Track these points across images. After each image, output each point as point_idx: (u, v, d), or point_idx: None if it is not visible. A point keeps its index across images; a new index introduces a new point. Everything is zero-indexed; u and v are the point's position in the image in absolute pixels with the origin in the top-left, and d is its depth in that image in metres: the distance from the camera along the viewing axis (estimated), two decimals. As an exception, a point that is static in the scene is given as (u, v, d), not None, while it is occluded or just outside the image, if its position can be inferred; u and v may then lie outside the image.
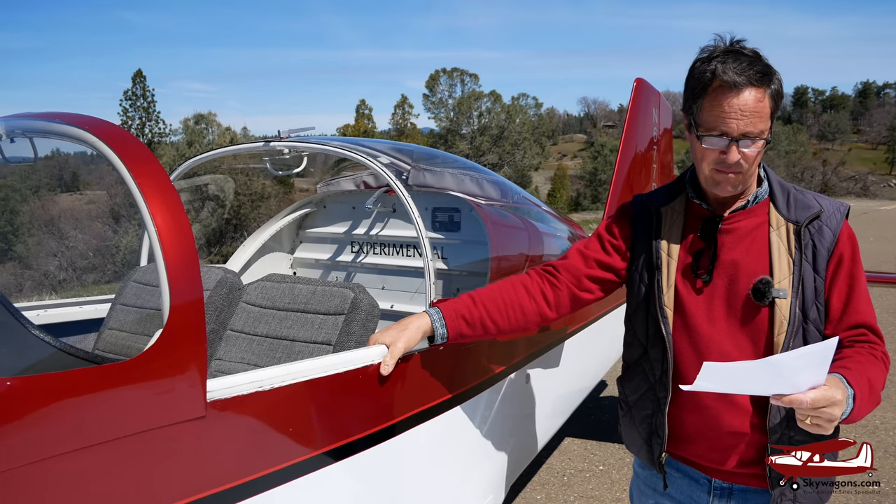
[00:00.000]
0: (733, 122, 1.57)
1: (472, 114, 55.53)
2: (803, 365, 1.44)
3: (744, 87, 1.56)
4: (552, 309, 1.97)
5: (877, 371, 1.62)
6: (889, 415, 5.31)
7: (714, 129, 1.61)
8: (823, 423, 1.44)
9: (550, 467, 4.55)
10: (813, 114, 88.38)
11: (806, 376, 1.44)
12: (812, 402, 1.41)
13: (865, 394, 1.54)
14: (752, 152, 1.61)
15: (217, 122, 49.90)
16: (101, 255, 18.91)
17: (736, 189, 1.69)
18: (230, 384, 1.52)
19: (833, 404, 1.43)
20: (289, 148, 2.86)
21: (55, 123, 1.65)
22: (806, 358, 1.45)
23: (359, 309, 2.35)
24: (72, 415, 1.26)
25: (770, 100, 1.60)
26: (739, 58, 1.58)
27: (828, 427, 1.46)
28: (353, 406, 1.86)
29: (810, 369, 1.44)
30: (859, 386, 1.52)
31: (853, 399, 1.49)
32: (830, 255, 1.69)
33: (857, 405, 1.50)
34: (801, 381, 1.44)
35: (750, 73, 1.56)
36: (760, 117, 1.58)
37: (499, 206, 3.19)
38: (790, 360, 1.46)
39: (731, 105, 1.57)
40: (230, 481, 1.52)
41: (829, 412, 1.43)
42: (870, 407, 1.57)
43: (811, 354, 1.45)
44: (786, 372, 1.44)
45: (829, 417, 1.43)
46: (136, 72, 51.97)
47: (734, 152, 1.59)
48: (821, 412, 1.43)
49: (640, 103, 5.23)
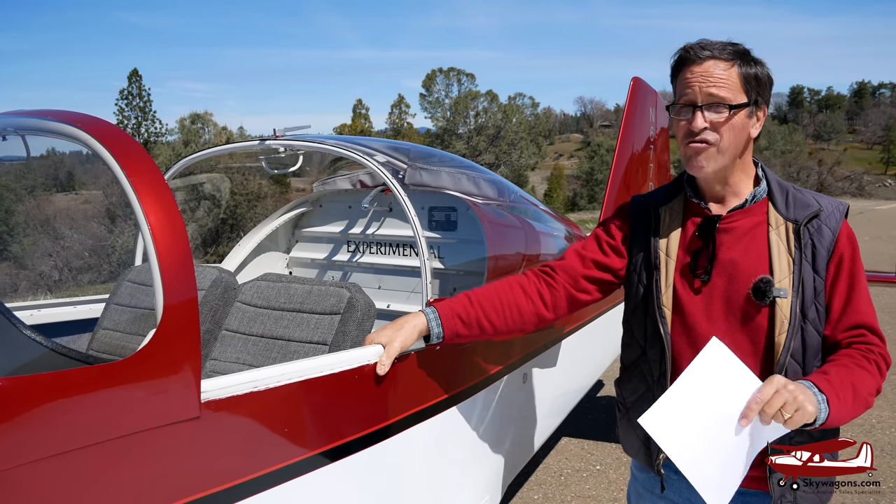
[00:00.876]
0: (696, 86, 1.64)
1: (468, 113, 55.47)
2: (710, 377, 1.57)
3: (707, 58, 1.63)
4: (549, 310, 1.96)
5: (864, 375, 1.62)
6: (886, 414, 5.32)
7: (680, 99, 1.67)
8: (792, 413, 1.47)
9: (548, 467, 4.54)
10: (808, 113, 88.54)
11: (731, 385, 1.56)
12: (760, 402, 1.48)
13: (847, 398, 1.55)
14: (717, 118, 1.63)
15: (213, 122, 49.77)
16: (96, 255, 18.87)
17: (709, 168, 1.68)
18: (225, 384, 1.51)
19: (783, 392, 1.47)
20: (284, 146, 2.85)
21: (47, 121, 1.63)
22: (702, 369, 1.58)
23: (355, 309, 2.34)
24: (63, 416, 1.24)
25: (739, 76, 1.63)
26: (715, 41, 1.65)
27: (797, 417, 1.47)
28: (349, 406, 1.84)
29: (725, 376, 1.56)
30: (838, 391, 1.54)
31: (826, 403, 1.51)
32: (830, 254, 1.68)
33: (833, 410, 1.52)
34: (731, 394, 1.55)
35: (717, 47, 1.63)
36: (725, 85, 1.62)
37: (496, 205, 3.18)
38: (694, 378, 1.58)
39: (694, 73, 1.65)
40: (225, 483, 1.51)
41: (783, 400, 1.47)
42: (855, 410, 1.59)
43: (704, 364, 1.58)
44: (707, 390, 1.57)
45: (794, 407, 1.46)
46: (131, 71, 51.94)
47: (699, 118, 1.63)
48: (773, 405, 1.47)
49: (637, 103, 5.23)
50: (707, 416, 1.57)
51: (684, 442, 1.58)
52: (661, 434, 1.59)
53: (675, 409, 1.60)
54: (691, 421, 1.58)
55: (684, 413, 1.59)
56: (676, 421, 1.59)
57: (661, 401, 1.62)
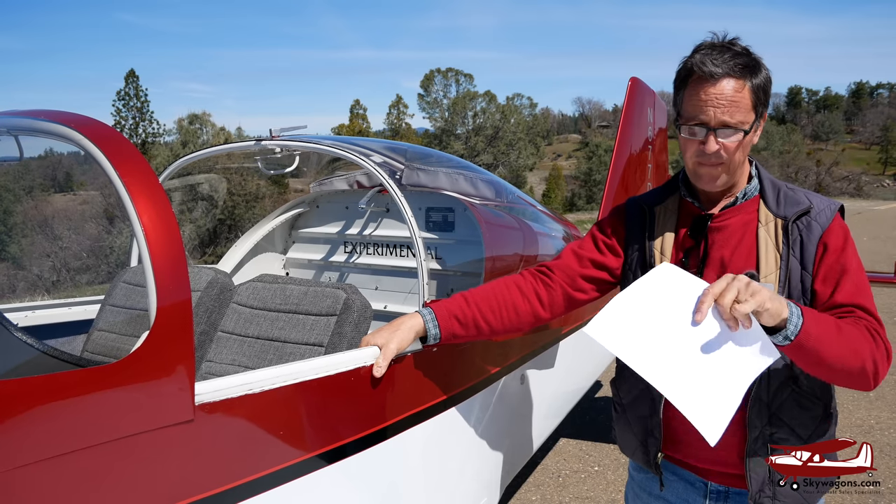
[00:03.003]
0: (710, 111, 1.59)
1: (466, 114, 55.46)
2: (661, 287, 1.53)
3: (721, 77, 1.57)
4: (546, 309, 1.95)
5: (851, 327, 1.54)
6: (885, 415, 5.31)
7: (692, 119, 1.62)
8: (747, 299, 1.40)
9: (545, 468, 4.53)
10: (806, 114, 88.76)
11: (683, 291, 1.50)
12: (712, 294, 1.42)
13: (828, 327, 1.48)
14: (731, 143, 1.60)
15: (211, 123, 49.70)
16: (94, 256, 18.83)
17: (719, 183, 1.68)
18: (219, 387, 1.49)
19: (735, 283, 1.41)
20: (280, 147, 2.83)
21: (40, 121, 1.61)
22: (652, 281, 1.56)
23: (351, 310, 2.33)
24: (54, 419, 1.23)
25: (751, 92, 1.59)
26: (722, 51, 1.59)
27: (755, 300, 1.40)
28: (346, 408, 1.83)
29: (676, 285, 1.52)
30: (815, 315, 1.48)
31: (801, 314, 1.45)
32: (817, 248, 1.65)
33: (809, 322, 1.45)
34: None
35: (729, 64, 1.57)
36: (739, 107, 1.58)
37: (493, 205, 3.17)
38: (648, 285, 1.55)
39: (708, 94, 1.59)
40: (219, 486, 1.49)
41: (735, 289, 1.40)
42: (841, 347, 1.49)
43: (654, 278, 1.57)
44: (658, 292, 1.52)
45: (748, 293, 1.40)
46: (128, 72, 51.82)
47: (712, 142, 1.60)
48: (726, 296, 1.41)
49: (635, 103, 5.23)
50: (662, 318, 1.49)
51: (643, 350, 1.48)
52: (612, 341, 1.51)
53: (624, 315, 1.52)
54: (645, 326, 1.50)
55: (636, 317, 1.51)
56: (628, 327, 1.51)
57: (607, 308, 1.55)
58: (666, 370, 1.47)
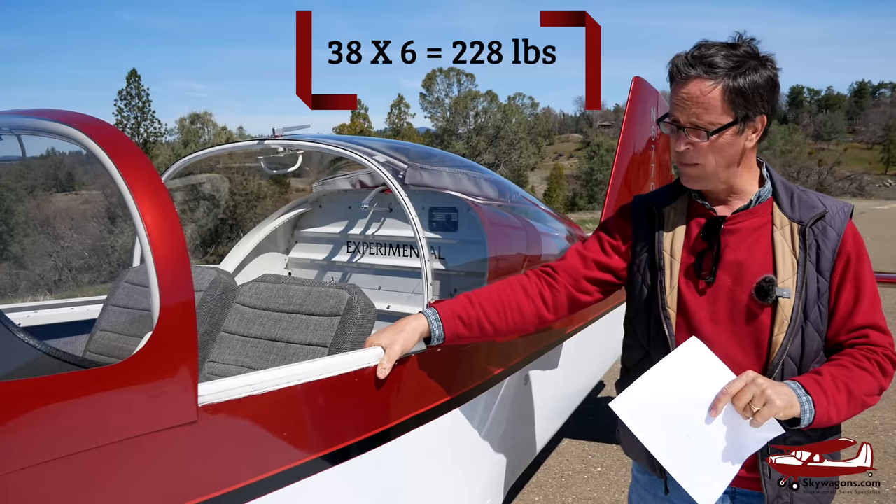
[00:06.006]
0: (677, 111, 1.62)
1: (468, 113, 55.45)
2: (685, 369, 1.58)
3: (691, 77, 1.58)
4: (550, 311, 1.93)
5: (862, 375, 1.60)
6: (888, 415, 5.29)
7: (668, 117, 1.66)
8: (760, 407, 1.47)
9: (548, 469, 4.52)
10: (808, 113, 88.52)
11: (704, 380, 1.56)
12: (728, 394, 1.51)
13: (839, 399, 1.56)
14: (698, 143, 1.61)
15: (213, 122, 49.76)
16: (96, 256, 18.84)
17: (700, 183, 1.71)
18: (222, 388, 1.49)
19: (752, 386, 1.49)
20: (283, 146, 2.83)
21: (43, 121, 1.61)
22: (678, 362, 1.59)
23: (354, 310, 2.32)
24: (56, 421, 1.22)
25: (724, 93, 1.56)
26: (705, 50, 1.59)
27: (765, 411, 1.47)
28: (349, 410, 1.82)
29: (700, 369, 1.57)
30: (827, 391, 1.54)
31: (812, 404, 1.52)
32: (835, 256, 1.66)
33: (821, 410, 1.52)
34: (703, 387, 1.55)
35: (700, 64, 1.56)
36: (706, 109, 1.57)
37: (497, 205, 3.15)
38: (671, 366, 1.60)
39: (678, 94, 1.61)
40: (222, 488, 1.49)
41: (751, 394, 1.48)
42: (851, 410, 1.59)
43: (680, 357, 1.60)
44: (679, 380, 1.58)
45: (762, 401, 1.47)
46: (130, 71, 51.77)
47: (681, 141, 1.63)
48: (741, 398, 1.49)
49: (638, 102, 5.21)
50: (680, 405, 1.57)
51: (658, 430, 1.58)
52: (632, 420, 1.59)
53: (647, 396, 1.60)
54: (664, 409, 1.58)
55: (657, 400, 1.59)
56: (648, 408, 1.59)
57: (633, 387, 1.62)
58: (673, 446, 1.58)
